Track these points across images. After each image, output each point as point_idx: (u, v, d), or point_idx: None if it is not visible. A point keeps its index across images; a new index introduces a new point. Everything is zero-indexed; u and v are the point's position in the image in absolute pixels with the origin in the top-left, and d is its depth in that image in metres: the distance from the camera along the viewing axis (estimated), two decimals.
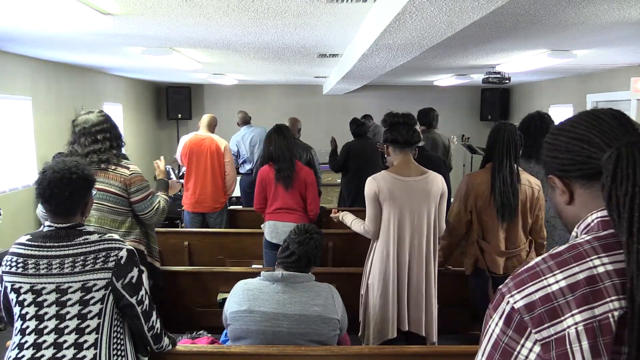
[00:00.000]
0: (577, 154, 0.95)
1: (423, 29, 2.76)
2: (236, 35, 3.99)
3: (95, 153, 2.66)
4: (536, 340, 0.86)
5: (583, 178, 0.96)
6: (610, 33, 3.68)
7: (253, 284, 2.23)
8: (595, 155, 0.92)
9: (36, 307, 1.71)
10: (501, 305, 0.91)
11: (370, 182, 2.73)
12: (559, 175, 1.00)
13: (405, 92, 9.77)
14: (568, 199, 0.99)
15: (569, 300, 0.84)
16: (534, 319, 0.86)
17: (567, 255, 0.89)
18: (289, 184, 3.64)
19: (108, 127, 2.74)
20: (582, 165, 0.94)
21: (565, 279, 0.86)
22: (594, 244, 0.89)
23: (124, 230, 2.74)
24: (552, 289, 0.86)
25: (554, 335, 0.84)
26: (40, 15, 3.26)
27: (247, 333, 2.16)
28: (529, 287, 0.89)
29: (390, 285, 2.72)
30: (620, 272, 0.84)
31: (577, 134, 0.96)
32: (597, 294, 0.83)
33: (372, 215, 2.75)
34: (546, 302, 0.86)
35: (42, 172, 1.77)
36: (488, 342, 0.93)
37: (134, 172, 2.74)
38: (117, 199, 2.70)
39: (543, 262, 0.91)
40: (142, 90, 9.20)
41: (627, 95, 5.66)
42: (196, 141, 4.58)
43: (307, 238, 2.27)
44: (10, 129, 5.14)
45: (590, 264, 0.86)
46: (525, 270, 0.92)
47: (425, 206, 2.71)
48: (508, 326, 0.89)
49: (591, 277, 0.85)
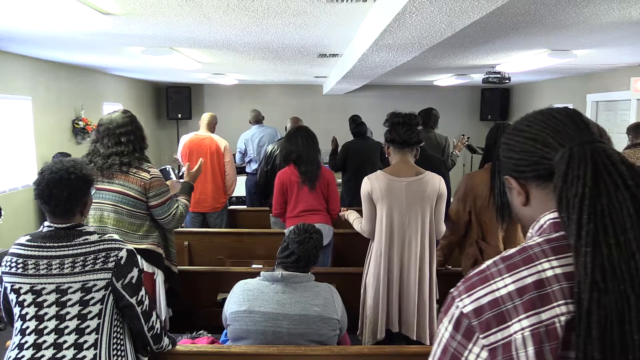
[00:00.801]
0: (531, 154, 0.93)
1: (423, 29, 2.76)
2: (236, 35, 3.99)
3: (117, 155, 2.62)
4: (483, 346, 0.84)
5: (538, 179, 0.94)
6: (610, 33, 3.68)
7: (253, 284, 2.23)
8: (548, 156, 0.90)
9: (36, 307, 1.71)
10: (451, 309, 0.90)
11: (364, 182, 2.74)
12: (514, 176, 0.98)
13: (405, 92, 9.77)
14: (524, 200, 0.97)
15: (516, 305, 0.82)
16: (481, 324, 0.84)
17: (518, 258, 0.87)
18: (315, 185, 3.62)
19: (132, 129, 2.70)
20: (536, 165, 0.93)
21: (513, 282, 0.84)
22: (544, 246, 0.87)
23: (141, 234, 2.70)
24: (501, 294, 0.84)
25: (501, 341, 0.82)
26: (40, 15, 3.26)
27: (247, 333, 2.16)
28: (478, 291, 0.87)
29: (381, 286, 2.72)
30: (569, 275, 0.82)
31: (531, 133, 0.94)
32: (545, 298, 0.82)
33: (367, 215, 2.76)
34: (494, 306, 0.84)
35: (40, 173, 1.76)
36: (438, 346, 0.91)
37: (154, 176, 2.70)
38: (135, 202, 2.66)
39: (494, 265, 0.89)
40: (142, 90, 9.20)
41: (627, 95, 5.66)
42: (196, 141, 4.58)
43: (306, 238, 2.27)
44: (10, 129, 5.14)
45: (540, 268, 0.84)
46: (476, 274, 0.90)
47: (419, 207, 2.70)
48: (457, 331, 0.87)
49: (539, 281, 0.83)
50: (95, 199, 2.60)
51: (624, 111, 6.10)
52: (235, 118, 9.56)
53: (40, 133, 5.61)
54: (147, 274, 2.69)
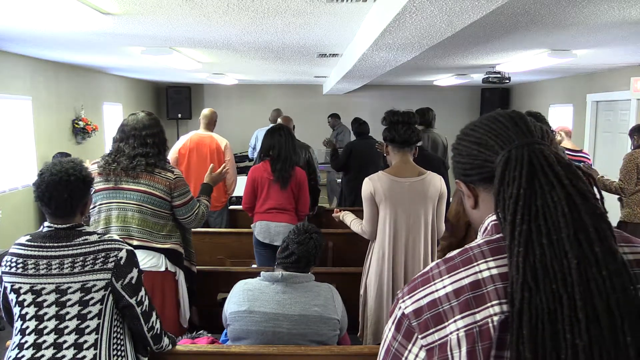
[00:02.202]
0: (475, 157, 0.94)
1: (423, 28, 2.76)
2: (236, 35, 3.99)
3: (143, 157, 2.62)
4: (422, 346, 0.85)
5: (484, 182, 0.95)
6: (610, 33, 3.68)
7: (253, 284, 2.23)
8: (490, 159, 0.91)
9: (36, 307, 1.71)
10: (395, 310, 0.91)
11: (366, 183, 2.72)
12: (462, 179, 0.99)
13: (405, 91, 9.77)
14: (473, 203, 0.99)
15: (453, 306, 0.83)
16: (420, 324, 0.86)
17: (458, 259, 0.88)
18: (287, 184, 3.63)
19: (157, 131, 2.71)
20: (480, 169, 0.94)
21: (452, 284, 0.85)
22: (484, 247, 0.88)
23: (165, 233, 2.69)
24: (439, 294, 0.86)
25: (438, 341, 0.84)
26: (40, 15, 3.26)
27: (247, 333, 2.16)
28: (419, 292, 0.88)
29: (385, 286, 2.71)
30: (504, 276, 0.83)
31: (476, 137, 0.95)
32: (480, 299, 0.83)
33: (368, 216, 2.74)
34: (432, 307, 0.85)
35: (39, 175, 1.76)
36: (382, 347, 0.93)
37: (177, 176, 2.71)
38: (161, 202, 2.65)
39: (436, 266, 0.90)
40: (142, 90, 9.20)
41: (627, 95, 5.66)
42: (197, 140, 4.57)
43: (306, 238, 2.27)
44: (10, 129, 5.14)
45: (477, 269, 0.85)
46: (420, 276, 0.91)
47: (422, 207, 2.69)
48: (398, 331, 0.89)
49: (476, 282, 0.84)
50: (120, 199, 2.60)
51: (624, 111, 6.10)
52: (236, 118, 9.56)
53: (40, 133, 5.61)
54: (170, 273, 2.69)
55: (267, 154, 3.70)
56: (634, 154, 4.18)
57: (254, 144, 6.14)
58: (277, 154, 3.63)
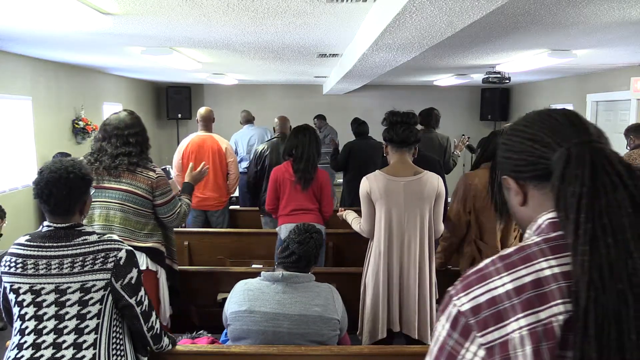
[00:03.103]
0: (529, 154, 0.93)
1: (423, 28, 2.76)
2: (236, 35, 3.99)
3: (125, 156, 2.65)
4: (480, 344, 0.84)
5: (536, 179, 0.94)
6: (610, 33, 3.68)
7: (253, 284, 2.23)
8: (546, 155, 0.90)
9: (35, 307, 1.71)
10: (448, 307, 0.90)
11: (363, 182, 2.75)
12: (512, 176, 0.98)
13: (405, 92, 9.77)
14: (522, 200, 0.97)
15: (514, 304, 0.83)
16: (479, 323, 0.84)
17: (516, 257, 0.87)
18: (308, 185, 3.61)
19: (139, 130, 2.74)
20: (533, 165, 0.93)
21: (512, 281, 0.84)
22: (543, 246, 0.87)
23: (147, 232, 2.72)
24: (498, 292, 0.84)
25: (498, 340, 0.82)
26: (40, 15, 3.26)
27: (248, 333, 2.16)
28: (476, 290, 0.87)
29: (380, 285, 2.72)
30: (567, 275, 0.82)
31: (529, 134, 0.94)
32: (543, 297, 0.82)
33: (365, 215, 2.76)
34: (492, 305, 0.84)
35: (39, 173, 1.77)
36: (435, 344, 0.91)
37: (159, 175, 2.74)
38: (142, 201, 2.68)
39: (492, 264, 0.89)
40: (142, 90, 9.20)
41: (627, 95, 5.66)
42: (198, 141, 4.59)
43: (307, 238, 2.27)
44: (10, 129, 5.14)
45: (537, 267, 0.84)
46: (474, 273, 0.90)
47: (418, 206, 2.70)
48: (454, 329, 0.87)
49: (537, 280, 0.83)
50: (102, 198, 2.63)
51: (624, 111, 6.10)
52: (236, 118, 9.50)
53: (40, 133, 5.61)
54: (151, 272, 2.71)
55: (290, 154, 3.67)
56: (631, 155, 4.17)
57: (234, 148, 6.01)
58: (299, 153, 3.59)
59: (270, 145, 4.68)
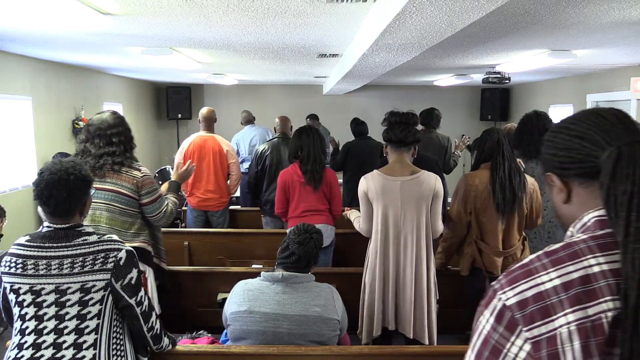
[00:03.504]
0: (576, 151, 0.94)
1: (423, 29, 2.76)
2: (236, 35, 3.99)
3: (109, 156, 2.66)
4: (527, 339, 0.84)
5: (582, 176, 0.94)
6: (610, 33, 3.67)
7: (253, 284, 2.23)
8: (594, 154, 0.91)
9: (35, 307, 1.71)
10: (493, 301, 0.90)
11: (361, 182, 2.77)
12: (557, 173, 0.98)
13: (405, 92, 9.77)
14: (565, 197, 0.98)
15: (562, 299, 0.83)
16: (525, 317, 0.85)
17: (563, 253, 0.88)
18: (319, 185, 3.61)
19: (123, 130, 2.75)
20: (581, 163, 0.93)
21: (559, 277, 0.85)
22: (590, 243, 0.88)
23: (133, 232, 2.74)
24: (546, 287, 0.85)
25: (545, 334, 0.83)
26: (40, 15, 3.26)
27: (247, 333, 2.16)
28: (522, 285, 0.87)
29: (377, 283, 2.73)
30: (615, 272, 0.83)
31: (577, 131, 0.94)
32: (591, 294, 0.82)
33: (364, 214, 2.78)
34: (539, 300, 0.85)
35: (39, 174, 1.76)
36: (478, 338, 0.91)
37: (145, 174, 2.75)
38: (128, 200, 2.70)
39: (537, 259, 0.90)
40: (142, 90, 9.20)
41: (627, 95, 5.66)
42: (199, 142, 4.60)
43: (306, 238, 2.27)
44: (10, 129, 5.14)
45: (586, 263, 0.85)
46: (519, 267, 0.91)
47: (414, 206, 2.70)
48: (499, 323, 0.88)
49: (586, 276, 0.84)
50: None
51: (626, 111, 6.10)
52: (236, 118, 9.50)
53: (40, 133, 5.61)
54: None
55: (296, 156, 3.67)
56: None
57: (236, 149, 6.10)
58: (306, 154, 3.60)
59: (271, 145, 4.68)
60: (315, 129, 3.79)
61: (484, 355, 0.89)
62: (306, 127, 3.84)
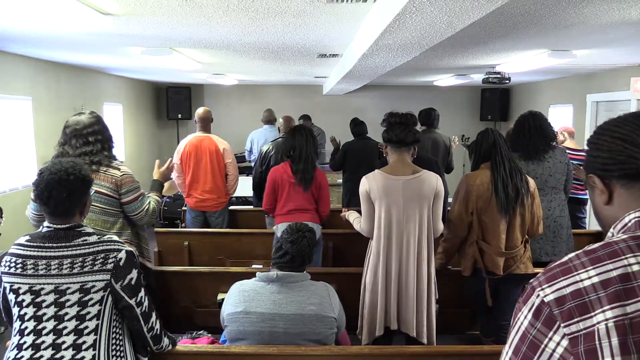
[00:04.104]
0: (618, 153, 0.95)
1: (423, 29, 2.76)
2: (236, 35, 3.99)
3: (87, 155, 2.67)
4: (564, 335, 0.86)
5: (624, 178, 0.95)
6: (610, 33, 3.67)
7: (248, 285, 2.23)
8: (637, 155, 0.92)
9: (35, 307, 1.71)
10: (531, 298, 0.91)
11: (362, 182, 2.77)
12: (599, 174, 0.99)
13: (405, 92, 9.77)
14: (607, 199, 0.99)
15: (600, 297, 0.84)
16: (563, 313, 0.86)
17: (602, 252, 0.89)
18: (309, 185, 3.62)
19: (99, 128, 2.74)
20: (622, 165, 0.94)
21: (598, 275, 0.86)
22: (630, 242, 0.88)
23: (115, 231, 2.75)
24: (584, 285, 0.86)
25: (583, 330, 0.84)
26: (40, 15, 3.26)
27: (244, 334, 2.16)
28: (561, 282, 0.89)
29: (379, 283, 2.73)
30: None
31: (621, 134, 0.96)
32: (630, 291, 0.83)
33: (365, 214, 2.78)
34: (577, 297, 0.86)
35: (39, 174, 1.77)
36: (516, 334, 0.93)
37: (124, 173, 2.75)
38: (108, 200, 2.71)
39: (576, 258, 0.91)
40: (142, 90, 9.20)
41: (627, 95, 5.65)
42: (195, 142, 4.59)
43: (299, 237, 2.27)
44: (10, 129, 5.14)
45: (625, 262, 0.86)
46: (558, 265, 0.92)
47: (417, 205, 2.71)
48: (537, 319, 0.89)
49: (625, 274, 0.85)
50: None
51: (624, 111, 6.01)
52: (236, 118, 9.56)
53: (40, 133, 5.61)
54: None
55: (288, 155, 3.69)
56: None
57: (250, 147, 6.18)
58: (298, 154, 3.62)
59: (275, 146, 4.69)
60: (309, 129, 3.81)
61: (522, 351, 0.90)
62: (300, 126, 3.86)
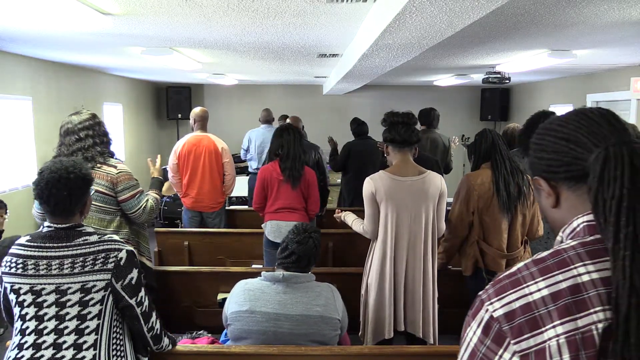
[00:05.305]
0: (564, 154, 0.90)
1: (423, 29, 2.76)
2: (236, 35, 3.99)
3: (79, 151, 2.66)
4: (515, 352, 0.81)
5: (570, 180, 0.90)
6: (610, 33, 3.67)
7: (254, 284, 2.23)
8: (582, 156, 0.87)
9: (36, 307, 1.71)
10: (480, 312, 0.86)
11: (367, 182, 2.75)
12: (545, 176, 0.94)
13: (405, 92, 9.76)
14: (554, 202, 0.94)
15: (550, 311, 0.79)
16: (513, 329, 0.81)
17: (551, 261, 0.84)
18: (297, 183, 3.64)
19: (92, 124, 2.74)
20: (568, 166, 0.89)
21: (547, 287, 0.81)
22: (579, 250, 0.84)
23: (112, 230, 2.74)
24: (534, 298, 0.81)
25: (533, 347, 0.79)
26: (40, 15, 3.26)
27: (248, 333, 2.16)
28: (510, 295, 0.84)
29: (386, 285, 2.72)
30: (606, 280, 0.79)
31: (564, 133, 0.90)
32: (581, 304, 0.79)
33: (370, 215, 2.76)
34: (527, 311, 0.81)
35: (39, 173, 1.77)
36: (465, 350, 0.88)
37: (121, 170, 2.74)
38: (104, 197, 2.70)
39: (525, 268, 0.86)
40: (142, 90, 9.20)
41: (627, 95, 5.66)
42: (194, 141, 4.58)
43: (306, 237, 2.27)
44: (10, 129, 5.14)
45: (575, 272, 0.81)
46: (507, 277, 0.87)
47: (423, 206, 2.71)
48: (486, 335, 0.84)
49: (575, 286, 0.80)
50: None
51: (624, 111, 6.10)
52: (236, 118, 9.55)
53: (40, 133, 5.61)
54: None
55: (276, 154, 3.72)
56: None
57: (247, 145, 6.21)
58: (286, 153, 3.65)
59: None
60: (296, 128, 3.84)
61: None
62: (286, 125, 3.89)
